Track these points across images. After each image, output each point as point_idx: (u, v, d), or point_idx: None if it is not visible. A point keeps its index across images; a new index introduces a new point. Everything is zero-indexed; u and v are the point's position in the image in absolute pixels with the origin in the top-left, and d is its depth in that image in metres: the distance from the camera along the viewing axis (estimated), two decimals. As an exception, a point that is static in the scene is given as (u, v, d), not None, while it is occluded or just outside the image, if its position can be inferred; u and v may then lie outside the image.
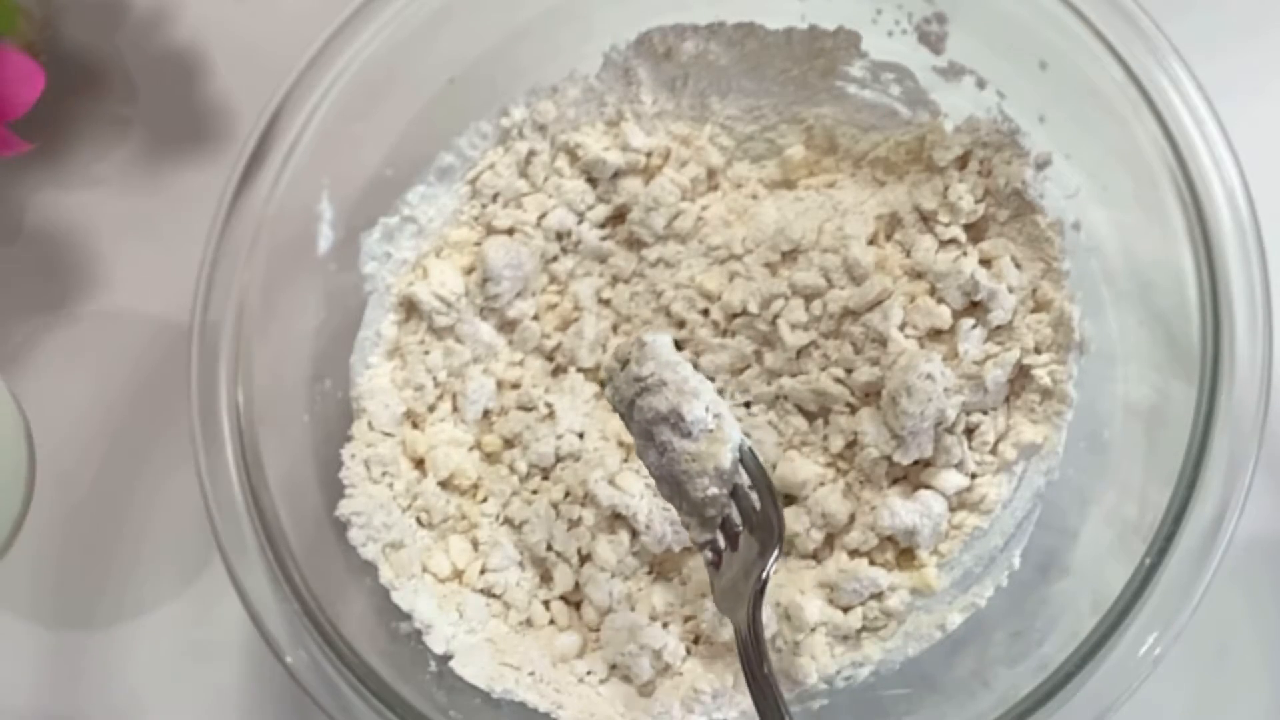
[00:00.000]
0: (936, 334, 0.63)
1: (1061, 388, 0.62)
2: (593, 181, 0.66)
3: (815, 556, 0.63)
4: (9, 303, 0.70)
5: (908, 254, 0.64)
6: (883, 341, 0.62)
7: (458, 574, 0.63)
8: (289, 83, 0.59)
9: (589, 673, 0.62)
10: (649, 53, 0.65)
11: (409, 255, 0.65)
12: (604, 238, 0.67)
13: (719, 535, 0.58)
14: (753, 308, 0.64)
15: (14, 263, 0.71)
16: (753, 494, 0.57)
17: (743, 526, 0.57)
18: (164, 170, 0.72)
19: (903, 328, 0.62)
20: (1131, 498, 0.58)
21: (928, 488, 0.62)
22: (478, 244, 0.66)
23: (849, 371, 0.63)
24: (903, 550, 0.63)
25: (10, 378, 0.64)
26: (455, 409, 0.65)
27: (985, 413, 0.63)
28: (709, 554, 0.58)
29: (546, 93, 0.65)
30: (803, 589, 0.62)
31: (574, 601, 0.64)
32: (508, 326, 0.66)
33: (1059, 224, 0.62)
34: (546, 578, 0.63)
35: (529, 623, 0.63)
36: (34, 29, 0.70)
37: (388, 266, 0.64)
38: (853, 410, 0.63)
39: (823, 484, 0.63)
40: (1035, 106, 0.62)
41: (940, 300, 0.63)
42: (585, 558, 0.63)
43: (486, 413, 0.65)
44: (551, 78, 0.65)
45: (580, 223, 0.66)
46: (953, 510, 0.63)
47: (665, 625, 0.62)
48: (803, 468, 0.63)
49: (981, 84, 0.63)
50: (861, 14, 0.64)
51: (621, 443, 0.64)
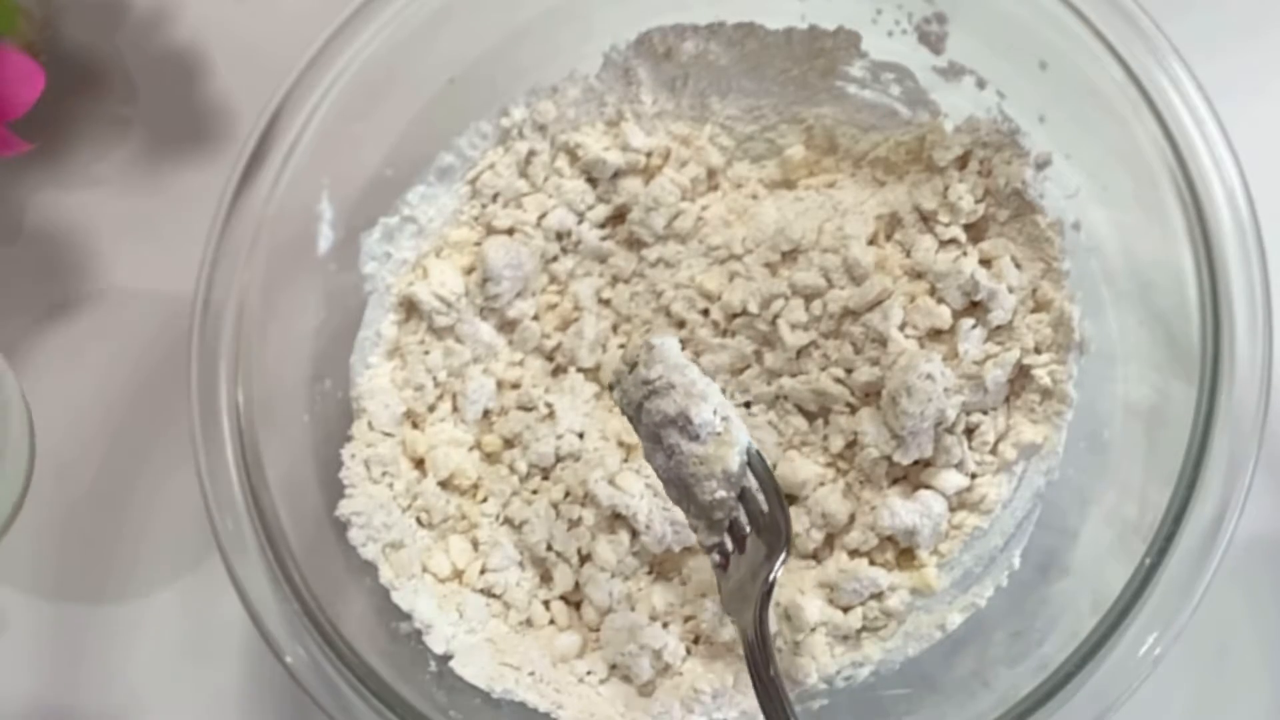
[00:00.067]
0: (936, 334, 0.63)
1: (1061, 388, 0.62)
2: (593, 181, 0.66)
3: (815, 556, 0.63)
4: (9, 303, 0.70)
5: (908, 254, 0.64)
6: (883, 341, 0.62)
7: (458, 574, 0.63)
8: (289, 83, 0.59)
9: (589, 673, 0.62)
10: (649, 53, 0.65)
11: (409, 255, 0.65)
12: (604, 238, 0.67)
13: (726, 538, 0.58)
14: (753, 308, 0.64)
15: (14, 263, 0.71)
16: (760, 497, 0.57)
17: (750, 529, 0.57)
18: (164, 170, 0.72)
19: (903, 328, 0.62)
20: (1131, 498, 0.58)
21: (928, 488, 0.62)
22: (478, 244, 0.66)
23: (849, 371, 0.63)
24: (903, 550, 0.63)
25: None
26: (455, 409, 0.65)
27: (985, 413, 0.63)
28: (716, 556, 0.58)
29: (546, 93, 0.65)
30: (803, 589, 0.62)
31: (574, 601, 0.64)
32: (508, 326, 0.66)
33: (1059, 224, 0.62)
34: (546, 578, 0.63)
35: (529, 623, 0.63)
36: (34, 29, 0.70)
37: (388, 266, 0.64)
38: (853, 410, 0.63)
39: (823, 484, 0.63)
40: (1035, 106, 0.62)
41: (940, 300, 0.63)
42: (585, 558, 0.63)
43: (486, 413, 0.65)
44: (551, 78, 0.65)
45: (580, 223, 0.66)
46: (953, 510, 0.63)
47: (665, 625, 0.62)
48: (803, 468, 0.63)
49: (981, 84, 0.63)
50: (861, 14, 0.64)
51: (621, 443, 0.64)
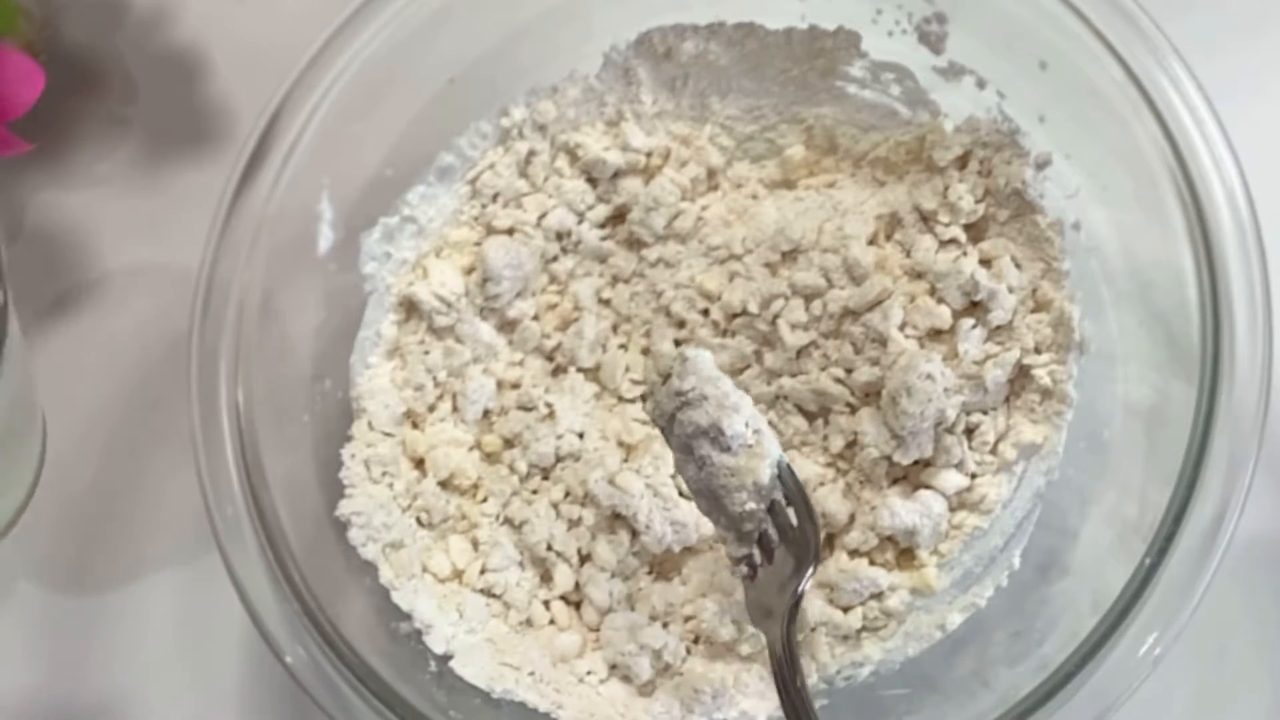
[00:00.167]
0: (936, 334, 0.63)
1: (1061, 388, 0.62)
2: (593, 181, 0.66)
3: (815, 556, 0.63)
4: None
5: (908, 254, 0.64)
6: (883, 341, 0.62)
7: (458, 574, 0.63)
8: (289, 83, 0.59)
9: (589, 673, 0.62)
10: (649, 53, 0.65)
11: (409, 255, 0.65)
12: (604, 238, 0.67)
13: (755, 550, 0.58)
14: (753, 308, 0.64)
15: (14, 262, 0.70)
16: (790, 510, 0.58)
17: (779, 542, 0.58)
18: (164, 170, 0.72)
19: (903, 328, 0.62)
20: (1131, 498, 0.58)
21: (928, 488, 0.62)
22: (478, 244, 0.66)
23: (849, 371, 0.63)
24: (903, 550, 0.63)
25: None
26: (455, 409, 0.65)
27: (985, 413, 0.63)
28: (744, 568, 0.59)
29: (546, 93, 0.65)
30: (803, 589, 0.62)
31: (574, 601, 0.63)
32: (508, 326, 0.66)
33: (1059, 224, 0.62)
34: (546, 578, 0.63)
35: (529, 623, 0.63)
36: (34, 29, 0.70)
37: (388, 266, 0.64)
38: (853, 410, 0.63)
39: (823, 484, 0.63)
40: (1035, 106, 0.62)
41: (940, 300, 0.63)
42: (585, 558, 0.63)
43: (486, 413, 0.65)
44: (551, 78, 0.65)
45: (580, 223, 0.66)
46: (953, 510, 0.63)
47: (665, 625, 0.62)
48: (803, 468, 0.63)
49: (981, 84, 0.63)
50: (861, 14, 0.64)
51: (621, 443, 0.64)
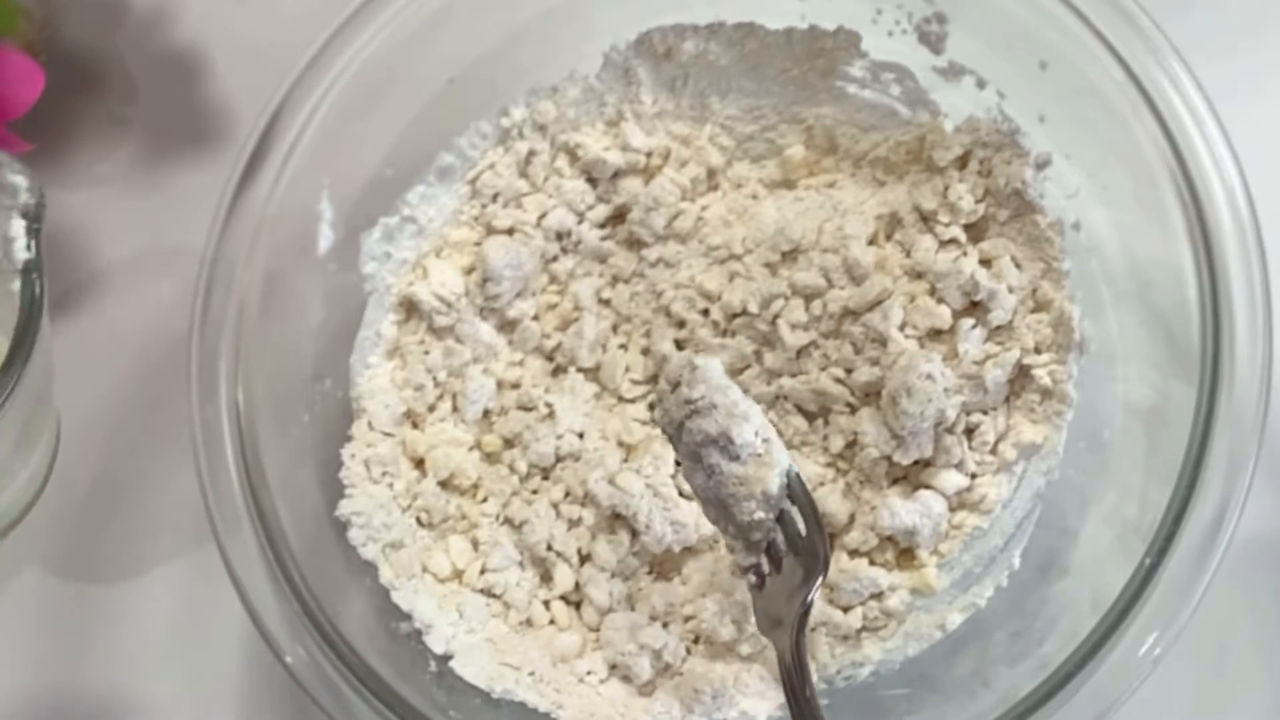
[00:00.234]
0: (936, 334, 0.63)
1: (1061, 388, 0.62)
2: (593, 181, 0.66)
3: (815, 556, 0.63)
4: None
5: (908, 254, 0.64)
6: (883, 341, 0.62)
7: (458, 574, 0.63)
8: (289, 83, 0.59)
9: (589, 673, 0.62)
10: (649, 53, 0.65)
11: (409, 255, 0.65)
12: (604, 238, 0.67)
13: (763, 559, 0.58)
14: (753, 308, 0.64)
15: (14, 263, 0.71)
16: (799, 519, 0.58)
17: (787, 551, 0.58)
18: (164, 170, 0.72)
19: (903, 328, 0.62)
20: (1131, 498, 0.58)
21: (928, 488, 0.62)
22: (478, 244, 0.66)
23: (849, 371, 0.63)
24: (903, 550, 0.63)
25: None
26: (455, 409, 0.65)
27: (985, 413, 0.63)
28: (752, 577, 0.59)
29: (546, 93, 0.65)
30: (803, 589, 0.62)
31: (574, 601, 0.63)
32: (508, 326, 0.66)
33: (1059, 224, 0.62)
34: (546, 578, 0.63)
35: (529, 623, 0.63)
36: (34, 29, 0.70)
37: (388, 266, 0.64)
38: (853, 410, 0.63)
39: (823, 484, 0.63)
40: (1035, 106, 0.62)
41: (940, 300, 0.63)
42: (585, 558, 0.63)
43: (486, 413, 0.65)
44: (551, 78, 0.65)
45: (580, 223, 0.66)
46: (953, 510, 0.63)
47: (665, 625, 0.62)
48: (803, 468, 0.63)
49: (981, 84, 0.63)
50: (861, 14, 0.64)
51: (621, 443, 0.64)
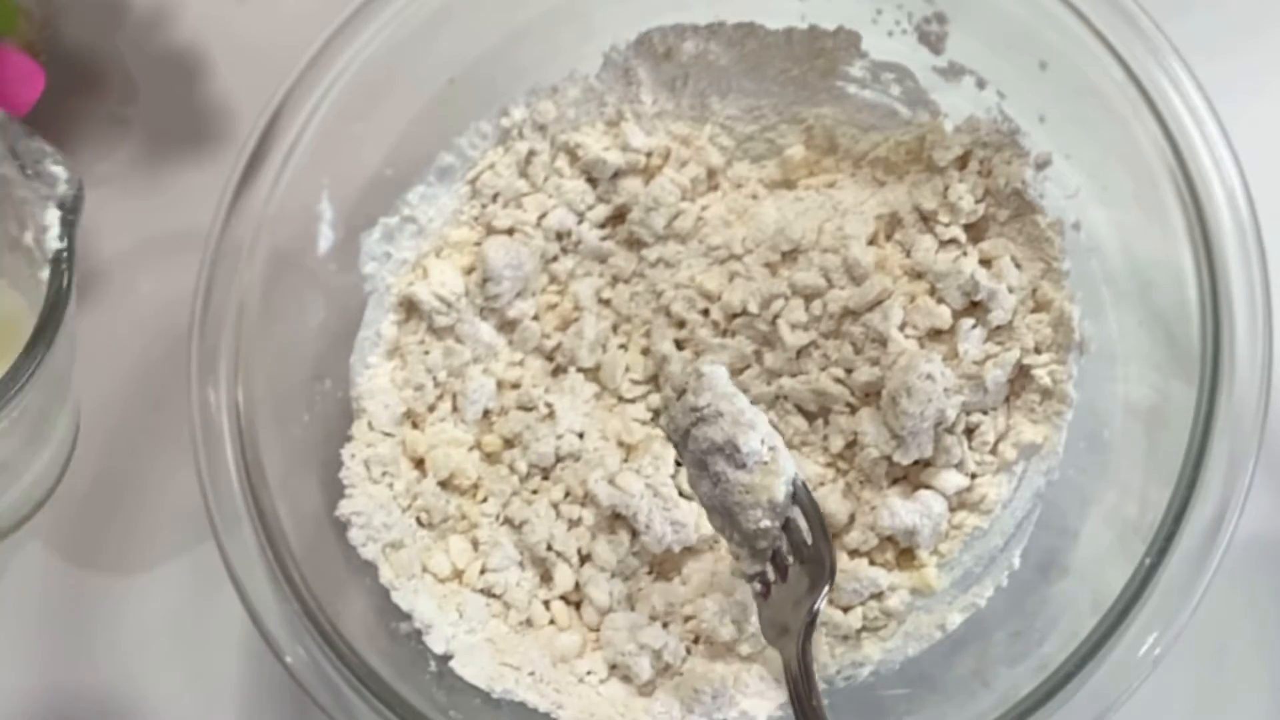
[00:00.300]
0: (936, 334, 0.63)
1: (1061, 388, 0.62)
2: (593, 181, 0.66)
3: (815, 557, 0.63)
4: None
5: (908, 254, 0.64)
6: (883, 341, 0.62)
7: (458, 574, 0.63)
8: (289, 83, 0.59)
9: (589, 673, 0.62)
10: (649, 53, 0.65)
11: (409, 255, 0.65)
12: (604, 238, 0.67)
13: (769, 568, 0.58)
14: (753, 308, 0.64)
15: (14, 263, 0.71)
16: (804, 528, 0.58)
17: (793, 560, 0.57)
18: (164, 170, 0.72)
19: (903, 328, 0.62)
20: (1131, 498, 0.58)
21: (928, 488, 0.62)
22: (478, 244, 0.66)
23: (849, 371, 0.63)
24: (903, 550, 0.63)
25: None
26: (455, 409, 0.65)
27: (985, 413, 0.63)
28: (758, 585, 0.59)
29: (546, 93, 0.65)
30: (803, 589, 0.62)
31: (574, 601, 0.63)
32: (508, 326, 0.66)
33: (1059, 224, 0.62)
34: (546, 578, 0.63)
35: (529, 623, 0.63)
36: (34, 29, 0.70)
37: (388, 266, 0.64)
38: (853, 410, 0.63)
39: (822, 484, 0.63)
40: (1035, 106, 0.62)
41: (940, 300, 0.63)
42: (585, 558, 0.63)
43: (486, 413, 0.65)
44: (551, 78, 0.65)
45: (580, 223, 0.66)
46: (953, 510, 0.63)
47: (665, 625, 0.62)
48: (803, 468, 0.63)
49: (981, 84, 0.63)
50: (861, 14, 0.64)
51: (621, 443, 0.64)
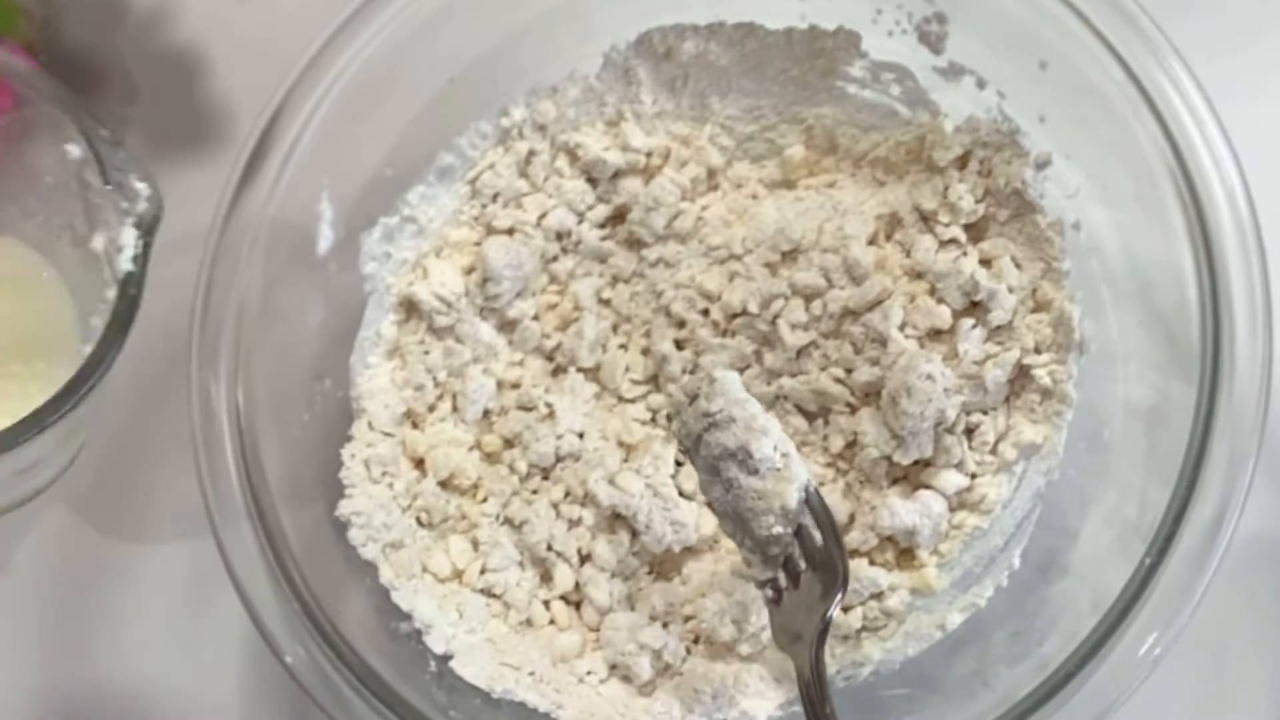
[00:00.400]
0: (936, 334, 0.63)
1: (1061, 388, 0.62)
2: (593, 181, 0.66)
3: (815, 556, 0.63)
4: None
5: (908, 254, 0.64)
6: (883, 341, 0.62)
7: (458, 574, 0.63)
8: (289, 83, 0.59)
9: (589, 673, 0.62)
10: (649, 53, 0.65)
11: (409, 255, 0.65)
12: (604, 238, 0.67)
13: (781, 574, 0.58)
14: (753, 308, 0.64)
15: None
16: (816, 534, 0.57)
17: (805, 566, 0.57)
18: (164, 170, 0.71)
19: (903, 328, 0.62)
20: (1131, 498, 0.58)
21: (928, 488, 0.62)
22: (478, 244, 0.66)
23: (849, 371, 0.63)
24: (903, 550, 0.63)
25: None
26: (455, 409, 0.65)
27: (985, 413, 0.63)
28: (769, 592, 0.59)
29: (546, 93, 0.65)
30: (803, 589, 0.62)
31: (574, 601, 0.63)
32: (508, 326, 0.66)
33: (1059, 224, 0.62)
34: (546, 578, 0.63)
35: (529, 623, 0.63)
36: (34, 29, 0.70)
37: (388, 266, 0.64)
38: (853, 410, 0.63)
39: (823, 484, 0.63)
40: (1035, 106, 0.62)
41: (940, 300, 0.63)
42: (585, 558, 0.63)
43: (486, 413, 0.65)
44: (551, 78, 0.65)
45: (580, 223, 0.66)
46: (953, 510, 0.63)
47: (665, 625, 0.62)
48: (803, 468, 0.63)
49: (981, 84, 0.63)
50: (861, 14, 0.64)
51: (621, 443, 0.64)
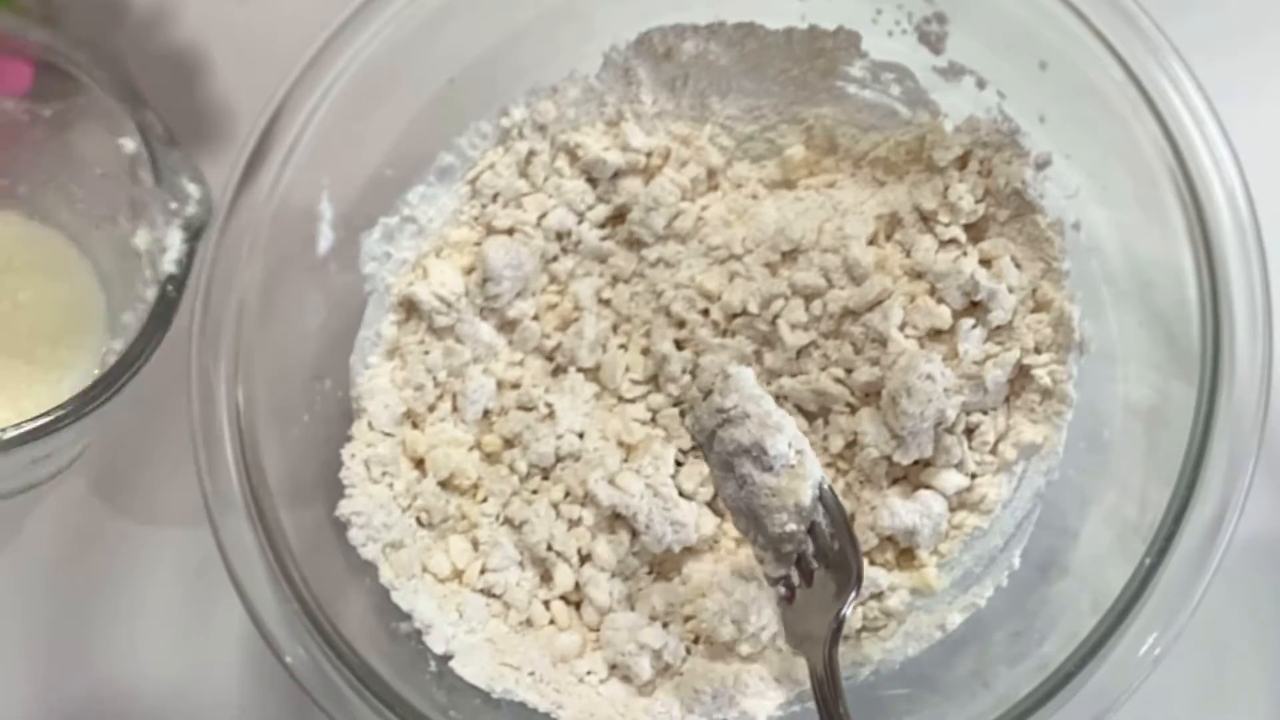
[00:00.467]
0: (936, 334, 0.63)
1: (1061, 388, 0.62)
2: (593, 181, 0.66)
3: (815, 556, 0.63)
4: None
5: (908, 254, 0.64)
6: (883, 341, 0.62)
7: (458, 574, 0.63)
8: (289, 83, 0.59)
9: (589, 673, 0.62)
10: (649, 53, 0.65)
11: (409, 255, 0.65)
12: (604, 238, 0.67)
13: (793, 571, 0.58)
14: (753, 308, 0.64)
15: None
16: (830, 533, 0.57)
17: (819, 564, 0.57)
18: (164, 170, 0.72)
19: (903, 328, 0.62)
20: (1131, 498, 0.58)
21: (928, 488, 0.62)
22: (478, 244, 0.66)
23: (849, 371, 0.63)
24: (903, 550, 0.63)
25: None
26: (455, 409, 0.65)
27: (985, 413, 0.63)
28: (782, 589, 0.59)
29: (546, 93, 0.65)
30: (803, 589, 0.62)
31: (574, 601, 0.63)
32: (508, 326, 0.66)
33: (1059, 224, 0.62)
34: (546, 578, 0.63)
35: (529, 623, 0.63)
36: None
37: (388, 266, 0.64)
38: (853, 410, 0.63)
39: (823, 484, 0.63)
40: (1035, 106, 0.62)
41: (940, 300, 0.63)
42: (585, 558, 0.63)
43: (486, 413, 0.65)
44: (551, 78, 0.65)
45: (580, 223, 0.66)
46: (953, 510, 0.63)
47: (665, 625, 0.62)
48: (803, 468, 0.63)
49: (981, 84, 0.63)
50: (861, 14, 0.64)
51: (621, 443, 0.64)
